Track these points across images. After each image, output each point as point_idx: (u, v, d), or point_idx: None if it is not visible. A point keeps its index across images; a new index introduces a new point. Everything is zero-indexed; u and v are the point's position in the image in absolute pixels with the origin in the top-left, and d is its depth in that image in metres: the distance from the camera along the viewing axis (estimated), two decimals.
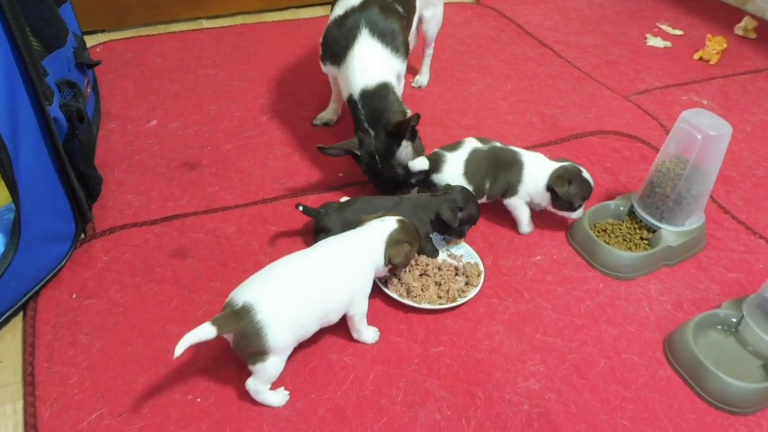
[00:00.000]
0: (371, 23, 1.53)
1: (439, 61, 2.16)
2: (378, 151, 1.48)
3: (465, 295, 1.34)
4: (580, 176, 1.46)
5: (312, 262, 1.18)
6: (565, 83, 2.16)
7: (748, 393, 1.19)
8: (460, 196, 1.41)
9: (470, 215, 1.42)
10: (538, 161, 1.51)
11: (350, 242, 1.24)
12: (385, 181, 1.52)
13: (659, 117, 2.00)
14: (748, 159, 1.87)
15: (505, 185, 1.50)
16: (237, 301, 1.08)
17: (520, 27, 2.50)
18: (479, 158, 1.49)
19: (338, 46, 1.56)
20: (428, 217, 1.40)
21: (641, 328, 1.34)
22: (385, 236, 1.24)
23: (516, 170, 1.50)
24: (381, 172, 1.50)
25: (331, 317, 1.18)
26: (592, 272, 1.45)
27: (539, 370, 1.24)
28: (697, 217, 1.49)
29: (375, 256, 1.23)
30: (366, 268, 1.22)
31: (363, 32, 1.53)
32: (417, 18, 1.82)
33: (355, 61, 1.52)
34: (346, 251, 1.21)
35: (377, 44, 1.53)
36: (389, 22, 1.56)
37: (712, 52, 2.37)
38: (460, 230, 1.42)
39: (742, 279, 1.47)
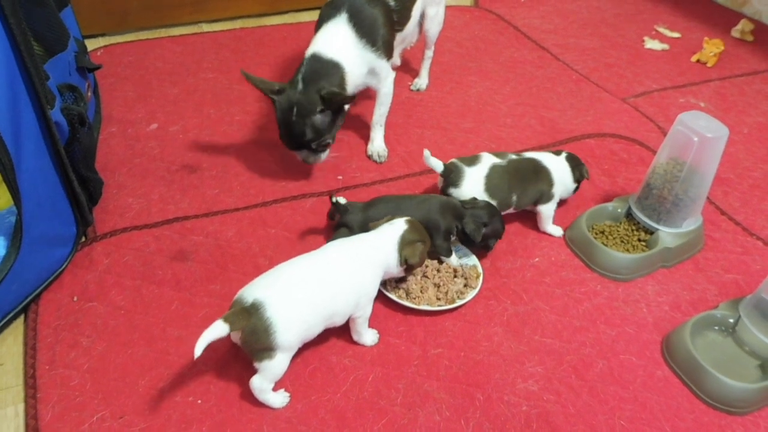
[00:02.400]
0: (353, 9, 1.59)
1: (437, 65, 2.17)
2: (299, 104, 1.50)
3: (464, 296, 1.35)
4: (575, 156, 1.58)
5: (322, 263, 1.19)
6: (563, 86, 2.17)
7: (746, 393, 1.20)
8: (486, 212, 1.40)
9: (495, 230, 1.41)
10: (554, 161, 1.54)
11: (361, 245, 1.24)
12: (291, 135, 1.54)
13: (657, 119, 2.01)
14: (744, 161, 1.88)
15: (538, 194, 1.51)
16: (247, 298, 1.10)
17: (518, 30, 2.52)
18: (500, 173, 1.48)
19: (320, 22, 1.63)
20: (454, 219, 1.39)
21: (639, 329, 1.35)
22: (397, 238, 1.25)
23: (545, 177, 1.51)
24: (291, 124, 1.52)
25: (336, 319, 1.19)
26: (590, 274, 1.46)
27: (538, 371, 1.24)
28: (694, 218, 1.50)
29: (387, 259, 1.24)
30: (375, 272, 1.23)
31: (341, 15, 1.59)
32: (419, 13, 1.82)
33: (321, 33, 1.59)
34: (356, 254, 1.22)
35: (349, 30, 1.58)
36: (372, 12, 1.59)
37: (709, 55, 2.39)
38: (486, 244, 1.43)
39: (739, 280, 1.48)
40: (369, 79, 1.65)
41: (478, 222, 1.37)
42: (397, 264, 1.24)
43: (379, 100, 1.73)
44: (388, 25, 1.63)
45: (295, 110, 1.50)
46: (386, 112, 1.75)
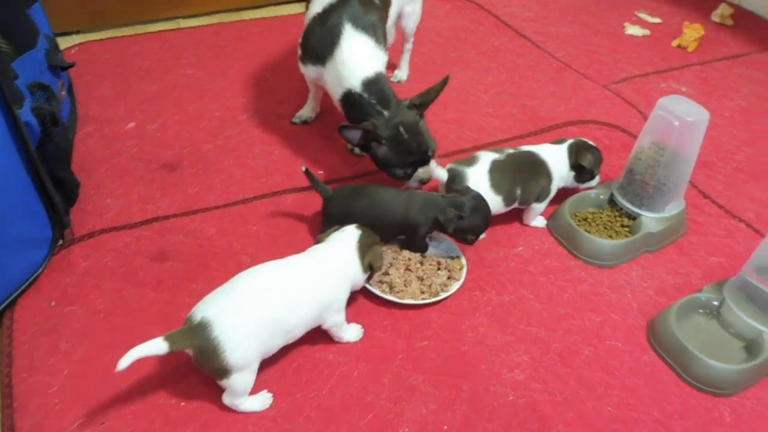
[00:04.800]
0: (353, 18, 1.52)
1: (418, 56, 2.15)
2: (404, 123, 1.43)
3: (448, 289, 1.34)
4: (588, 144, 1.55)
5: (279, 277, 1.15)
6: (544, 74, 2.16)
7: (732, 374, 1.20)
8: (469, 204, 1.35)
9: (472, 225, 1.36)
10: (550, 152, 1.52)
11: (318, 258, 1.21)
12: (421, 150, 1.44)
13: (638, 105, 2.01)
14: (727, 144, 1.88)
15: (539, 189, 1.49)
16: (195, 317, 1.05)
17: (499, 19, 2.50)
18: (502, 168, 1.45)
19: (322, 45, 1.53)
20: (432, 216, 1.37)
21: (624, 314, 1.34)
22: (355, 245, 1.22)
23: (543, 171, 1.49)
24: (407, 145, 1.43)
25: (296, 332, 1.15)
26: (575, 261, 1.46)
27: (524, 360, 1.24)
28: (677, 203, 1.49)
29: (348, 268, 1.21)
30: (337, 283, 1.19)
31: (347, 27, 1.51)
32: (396, 13, 1.81)
33: (346, 56, 1.50)
34: (314, 267, 1.19)
35: (364, 37, 1.52)
36: (370, 15, 1.55)
37: (690, 40, 2.39)
38: (464, 237, 1.39)
39: (723, 263, 1.48)
40: None
41: (455, 213, 1.34)
42: (362, 271, 1.22)
43: None
44: (382, 24, 1.62)
45: (402, 131, 1.43)
46: None
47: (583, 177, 1.55)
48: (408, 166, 1.46)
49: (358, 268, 1.21)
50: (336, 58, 1.51)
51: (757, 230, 1.56)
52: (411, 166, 1.46)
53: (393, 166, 1.46)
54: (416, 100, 1.47)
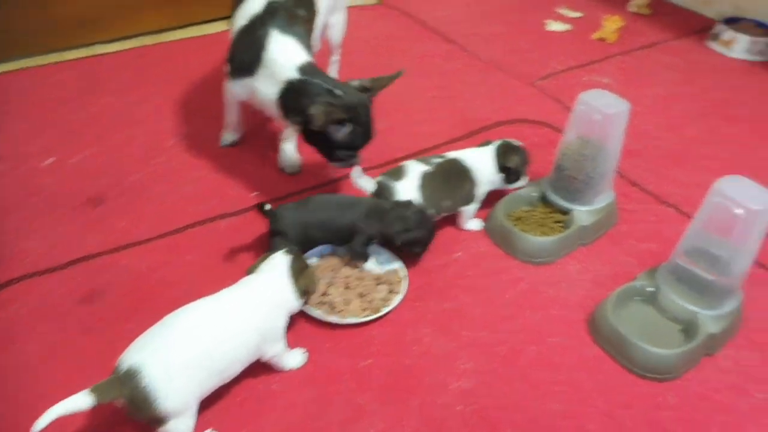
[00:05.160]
0: (279, 25, 1.50)
1: (347, 66, 2.14)
2: (362, 103, 1.40)
3: (389, 303, 1.32)
4: (514, 145, 1.56)
5: (209, 314, 1.10)
6: (472, 76, 2.18)
7: (672, 358, 1.22)
8: (414, 218, 1.36)
9: (419, 238, 1.37)
10: (476, 157, 1.52)
11: (251, 289, 1.17)
12: (363, 140, 1.44)
13: (564, 100, 2.05)
14: (650, 132, 1.94)
15: (466, 196, 1.49)
16: (123, 365, 1.00)
17: (425, 25, 2.52)
18: (432, 180, 1.44)
19: (250, 54, 1.50)
20: (379, 224, 1.36)
21: (564, 310, 1.36)
22: (287, 272, 1.19)
23: (468, 178, 1.50)
24: (366, 126, 1.41)
25: (234, 369, 1.11)
26: (512, 261, 1.47)
27: (469, 367, 1.24)
28: (606, 194, 1.53)
29: (282, 296, 1.18)
30: (272, 313, 1.16)
31: (274, 32, 1.49)
32: (322, 23, 1.79)
33: (276, 54, 1.47)
34: (247, 299, 1.15)
35: (291, 39, 1.50)
36: (296, 25, 1.53)
37: (609, 32, 2.45)
38: (411, 250, 1.40)
39: (655, 248, 1.51)
40: None
41: (402, 226, 1.34)
42: (297, 297, 1.19)
43: None
44: (308, 35, 1.60)
45: (363, 111, 1.42)
46: None
47: (511, 178, 1.56)
48: (357, 149, 1.44)
49: (292, 294, 1.18)
50: (266, 62, 1.48)
51: (685, 213, 1.61)
52: (357, 149, 1.44)
53: (344, 147, 1.42)
54: (367, 83, 1.44)
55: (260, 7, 1.53)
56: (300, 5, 1.60)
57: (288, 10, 1.54)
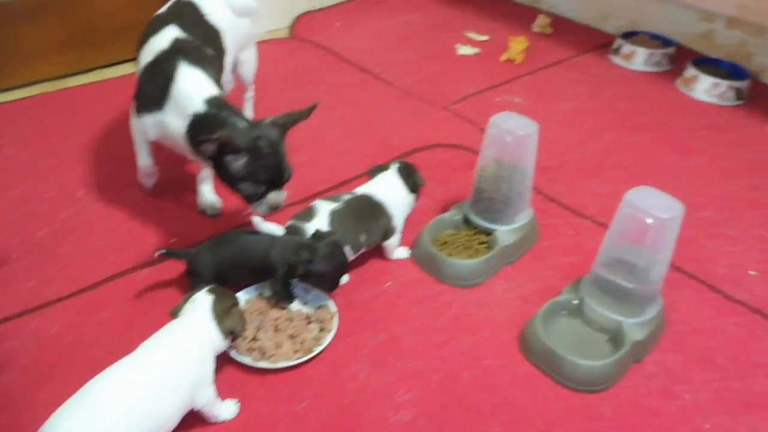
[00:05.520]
0: (188, 60, 1.45)
1: (262, 101, 2.12)
2: (265, 136, 1.33)
3: (321, 342, 1.29)
4: (407, 163, 1.57)
5: (135, 372, 1.05)
6: (388, 104, 2.20)
7: (602, 369, 1.25)
8: (322, 250, 1.32)
9: (322, 272, 1.32)
10: (384, 188, 1.51)
11: (175, 336, 1.12)
12: (283, 169, 1.38)
13: (479, 122, 2.09)
14: (562, 147, 2.01)
15: (382, 230, 1.48)
16: None
17: (337, 55, 2.53)
18: (342, 217, 1.42)
19: (157, 88, 1.44)
20: (288, 259, 1.33)
21: (496, 330, 1.37)
22: (210, 313, 1.15)
23: (382, 212, 1.48)
24: (266, 159, 1.34)
25: (169, 425, 1.06)
26: (442, 286, 1.47)
27: (408, 399, 1.22)
28: (525, 212, 1.56)
29: (208, 338, 1.14)
30: (200, 356, 1.12)
31: (182, 64, 1.44)
32: (232, 61, 1.76)
33: (184, 86, 1.42)
34: (172, 347, 1.10)
35: (201, 71, 1.45)
36: (204, 61, 1.49)
37: (516, 52, 2.54)
38: (317, 283, 1.36)
39: (577, 261, 1.55)
40: None
41: (305, 255, 1.30)
42: (222, 339, 1.15)
43: None
44: (219, 73, 1.57)
45: (264, 143, 1.33)
46: None
47: (418, 196, 1.58)
48: (261, 183, 1.37)
49: (217, 335, 1.15)
50: (174, 95, 1.42)
51: (602, 224, 1.66)
52: (264, 185, 1.37)
53: (246, 180, 1.36)
54: (279, 119, 1.39)
55: (167, 43, 1.49)
56: (207, 43, 1.58)
57: (195, 48, 1.51)
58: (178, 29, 1.52)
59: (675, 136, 2.10)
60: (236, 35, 1.72)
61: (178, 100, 1.42)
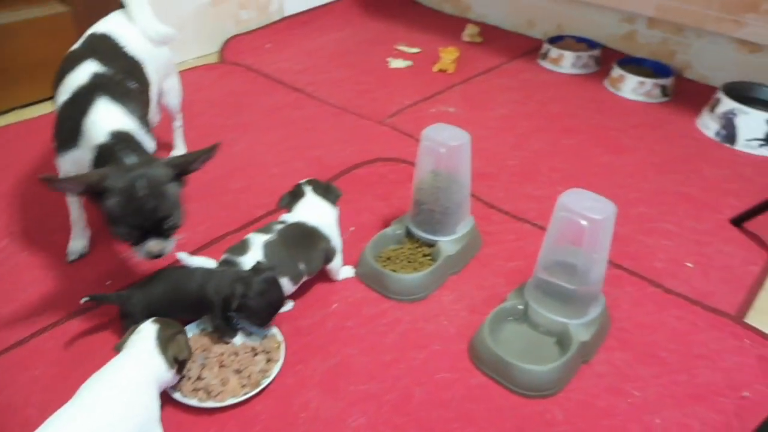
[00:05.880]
0: (107, 94, 1.38)
1: (193, 129, 2.07)
2: (146, 177, 1.21)
3: (269, 374, 1.26)
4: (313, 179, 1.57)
5: (79, 420, 1.00)
6: (323, 122, 2.19)
7: (551, 373, 1.25)
8: (257, 286, 1.26)
9: (255, 309, 1.27)
10: (313, 213, 1.47)
11: (118, 374, 1.08)
12: (141, 216, 1.23)
13: (415, 134, 2.06)
14: (499, 153, 2.03)
15: (323, 255, 1.44)
16: None
17: (269, 77, 2.50)
18: (277, 249, 1.37)
19: (73, 122, 1.36)
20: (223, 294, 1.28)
21: (446, 343, 1.36)
22: (154, 342, 1.13)
23: (319, 236, 1.44)
24: (141, 201, 1.22)
25: None
26: (389, 302, 1.46)
27: (361, 423, 1.19)
28: (466, 221, 1.56)
29: (153, 370, 1.11)
30: (149, 392, 1.08)
31: (100, 99, 1.36)
32: (157, 92, 1.71)
33: (96, 117, 1.33)
34: (116, 386, 1.06)
35: (118, 108, 1.37)
36: (127, 97, 1.42)
37: (447, 62, 2.57)
38: (248, 318, 1.30)
39: (520, 266, 1.57)
40: None
41: (240, 289, 1.25)
42: (168, 368, 1.12)
43: None
44: (144, 108, 1.49)
45: (141, 184, 1.21)
46: None
47: None
48: (135, 228, 1.25)
49: (163, 366, 1.12)
50: (85, 128, 1.34)
51: (541, 227, 1.68)
52: (138, 230, 1.26)
53: (117, 223, 1.25)
54: (175, 160, 1.29)
55: (86, 79, 1.42)
56: (130, 77, 1.51)
57: (117, 82, 1.45)
58: (97, 63, 1.46)
59: (606, 136, 2.16)
60: (158, 65, 1.67)
61: (88, 134, 1.34)
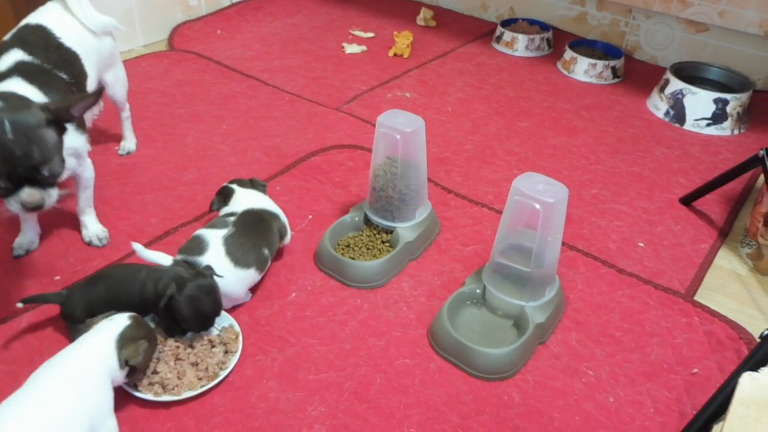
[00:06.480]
0: (27, 77, 1.33)
1: (143, 120, 2.02)
2: (15, 119, 1.15)
3: (227, 365, 1.24)
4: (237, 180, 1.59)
5: (27, 409, 0.98)
6: (278, 110, 2.15)
7: (508, 356, 1.27)
8: (189, 289, 1.21)
9: (182, 313, 1.21)
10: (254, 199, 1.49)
11: (70, 360, 1.07)
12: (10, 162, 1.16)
13: (372, 120, 2.09)
14: (456, 137, 2.04)
15: (278, 234, 1.46)
16: None
17: (221, 64, 2.45)
18: (236, 240, 1.34)
19: None
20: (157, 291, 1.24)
21: (405, 329, 1.37)
22: (116, 337, 1.11)
23: (271, 216, 1.46)
24: (8, 145, 1.14)
25: None
26: (348, 290, 1.45)
27: (321, 412, 1.19)
28: (424, 207, 1.57)
29: (108, 362, 1.09)
30: (99, 380, 1.07)
31: (14, 78, 1.31)
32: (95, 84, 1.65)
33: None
34: (66, 375, 1.04)
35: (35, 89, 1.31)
36: (51, 84, 1.36)
37: (402, 47, 2.56)
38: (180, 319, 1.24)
39: (478, 250, 1.58)
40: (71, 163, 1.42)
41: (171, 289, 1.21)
42: (118, 367, 1.10)
43: (83, 184, 1.51)
44: None
45: (9, 126, 1.14)
46: (92, 194, 1.55)
47: None
48: (5, 176, 1.17)
49: (114, 361, 1.10)
50: None
51: (498, 211, 1.70)
52: (10, 179, 1.18)
53: None
54: (53, 105, 1.22)
55: (7, 65, 1.36)
56: (61, 69, 1.44)
57: (43, 71, 1.38)
58: (23, 53, 1.40)
59: (560, 118, 2.19)
60: (99, 56, 1.61)
61: None
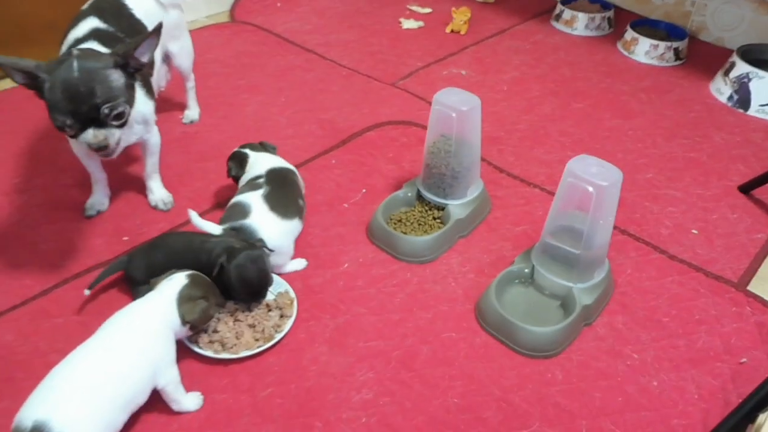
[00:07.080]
0: (102, 41, 1.41)
1: (205, 90, 2.08)
2: (83, 62, 1.22)
3: (282, 329, 1.31)
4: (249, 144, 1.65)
5: (99, 352, 1.09)
6: (335, 84, 2.19)
7: (554, 335, 1.29)
8: (239, 260, 1.27)
9: (231, 282, 1.27)
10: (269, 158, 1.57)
11: (137, 313, 1.16)
12: (76, 100, 1.21)
13: (427, 97, 2.10)
14: (509, 116, 2.04)
15: (302, 186, 1.57)
16: (25, 424, 0.96)
17: (280, 37, 2.49)
18: (277, 197, 1.43)
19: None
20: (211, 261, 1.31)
21: (452, 303, 1.40)
22: (176, 295, 1.19)
23: (293, 172, 1.56)
24: (76, 85, 1.21)
25: (138, 400, 1.10)
26: (398, 264, 1.49)
27: (369, 377, 1.25)
28: (476, 185, 1.59)
29: (169, 318, 1.17)
30: (161, 333, 1.15)
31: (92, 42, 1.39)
32: (161, 54, 1.71)
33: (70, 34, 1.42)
34: (135, 324, 1.14)
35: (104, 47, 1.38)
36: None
37: (460, 23, 2.55)
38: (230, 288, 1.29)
39: (528, 230, 1.60)
40: (139, 129, 1.51)
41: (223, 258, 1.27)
42: (180, 323, 1.17)
43: (149, 150, 1.59)
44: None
45: (78, 68, 1.21)
46: (158, 160, 1.63)
47: None
48: (69, 115, 1.23)
49: (177, 319, 1.17)
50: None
51: (550, 192, 1.71)
52: (75, 118, 1.23)
53: (54, 110, 1.23)
54: (120, 49, 1.28)
55: (83, 33, 1.44)
56: (131, 36, 1.49)
57: (115, 38, 1.46)
58: (98, 20, 1.48)
59: (616, 99, 2.16)
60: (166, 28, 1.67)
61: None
